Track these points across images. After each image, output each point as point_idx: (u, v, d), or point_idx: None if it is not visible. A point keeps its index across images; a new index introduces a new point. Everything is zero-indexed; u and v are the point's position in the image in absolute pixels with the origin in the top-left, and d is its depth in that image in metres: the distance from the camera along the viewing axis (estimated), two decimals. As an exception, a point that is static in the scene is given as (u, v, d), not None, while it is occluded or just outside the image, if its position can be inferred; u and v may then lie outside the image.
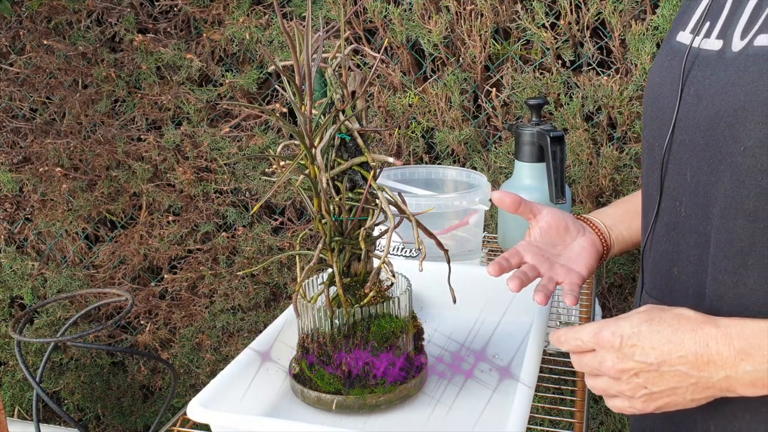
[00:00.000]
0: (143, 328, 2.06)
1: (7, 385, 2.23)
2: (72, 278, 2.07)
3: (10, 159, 2.01)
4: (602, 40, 1.55)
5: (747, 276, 0.66)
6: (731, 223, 0.67)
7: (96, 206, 1.99)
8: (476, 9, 1.57)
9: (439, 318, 1.07)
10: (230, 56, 1.82)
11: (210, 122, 1.86)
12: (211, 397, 0.77)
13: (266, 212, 1.93)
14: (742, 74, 0.65)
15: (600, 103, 1.54)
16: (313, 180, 0.81)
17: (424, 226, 0.83)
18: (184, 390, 2.09)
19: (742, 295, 0.67)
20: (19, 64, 1.93)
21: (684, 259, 0.74)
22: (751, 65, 0.64)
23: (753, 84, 0.63)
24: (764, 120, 0.62)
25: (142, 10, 1.83)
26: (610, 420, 1.76)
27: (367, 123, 0.84)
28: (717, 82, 0.68)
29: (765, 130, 0.63)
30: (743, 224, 0.66)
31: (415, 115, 1.68)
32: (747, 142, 0.64)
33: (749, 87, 0.64)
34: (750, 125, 0.64)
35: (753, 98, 0.63)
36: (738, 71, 0.66)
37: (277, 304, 1.97)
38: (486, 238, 1.48)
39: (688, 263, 0.74)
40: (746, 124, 0.64)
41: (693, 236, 0.72)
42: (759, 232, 0.65)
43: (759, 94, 0.63)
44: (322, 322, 0.83)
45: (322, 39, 0.78)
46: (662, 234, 0.78)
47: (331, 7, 1.66)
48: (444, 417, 0.84)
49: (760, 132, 0.63)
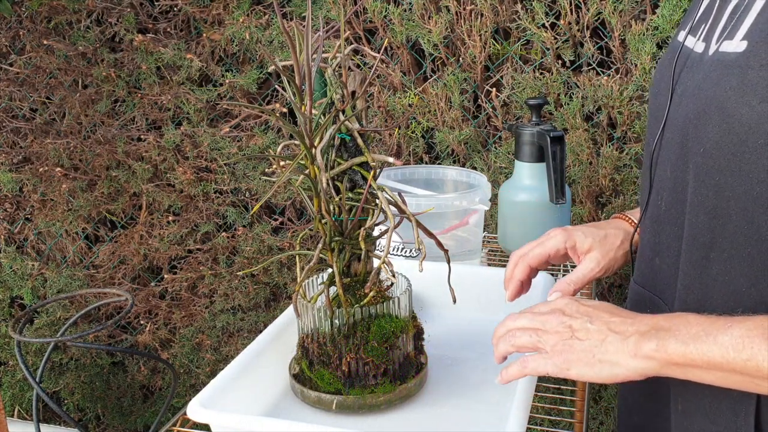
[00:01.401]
0: (143, 328, 2.06)
1: (7, 385, 2.23)
2: (72, 278, 2.07)
3: (10, 159, 2.01)
4: (602, 40, 1.55)
5: (710, 268, 0.70)
6: (695, 218, 0.71)
7: (96, 206, 1.99)
8: (476, 9, 1.57)
9: (439, 318, 1.07)
10: (230, 56, 1.82)
11: (210, 122, 1.86)
12: (211, 397, 0.77)
13: (266, 212, 1.93)
14: (706, 78, 0.69)
15: (600, 103, 1.54)
16: (313, 180, 0.81)
17: (424, 226, 0.83)
18: (184, 390, 2.09)
19: (706, 286, 0.71)
20: (19, 64, 1.93)
21: (664, 250, 0.79)
22: (714, 70, 0.68)
23: (712, 89, 0.67)
24: (720, 124, 0.66)
25: (142, 10, 1.83)
26: (610, 420, 1.76)
27: (367, 123, 0.84)
28: (693, 85, 0.71)
29: (720, 133, 0.66)
30: (705, 220, 0.69)
31: (415, 115, 1.68)
32: (706, 143, 0.68)
33: (710, 92, 0.67)
34: (708, 128, 0.67)
35: (712, 102, 0.67)
36: (705, 75, 0.69)
37: (277, 304, 1.97)
38: (486, 238, 1.48)
39: (667, 254, 0.78)
40: (706, 127, 0.67)
41: (672, 228, 0.76)
42: (718, 228, 0.68)
43: (716, 99, 0.66)
44: (322, 322, 0.83)
45: (322, 39, 0.78)
46: (648, 226, 0.83)
47: (331, 7, 1.66)
48: (444, 417, 0.84)
49: (716, 135, 0.66)
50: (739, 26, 0.67)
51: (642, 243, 0.86)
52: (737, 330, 0.61)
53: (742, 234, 0.66)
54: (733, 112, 0.64)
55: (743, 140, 0.64)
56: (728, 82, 0.65)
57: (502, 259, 1.40)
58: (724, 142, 0.66)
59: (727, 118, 0.65)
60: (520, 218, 1.30)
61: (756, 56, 0.63)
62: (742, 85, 0.64)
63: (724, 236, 0.68)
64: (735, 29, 0.67)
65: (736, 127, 0.64)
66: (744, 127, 0.64)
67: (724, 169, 0.66)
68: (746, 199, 0.65)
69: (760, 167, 0.63)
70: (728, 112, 0.65)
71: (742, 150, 0.64)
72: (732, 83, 0.65)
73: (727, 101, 0.65)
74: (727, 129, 0.65)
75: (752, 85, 0.63)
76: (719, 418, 0.70)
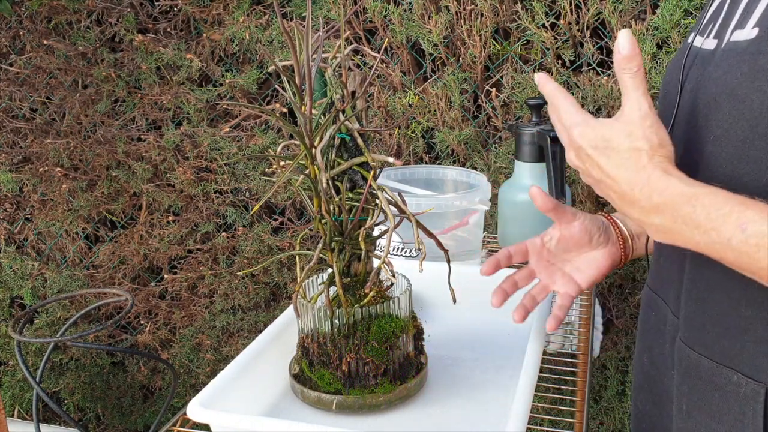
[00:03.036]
0: (143, 328, 2.06)
1: (7, 385, 2.23)
2: (72, 278, 2.07)
3: (10, 159, 2.01)
4: (602, 40, 1.55)
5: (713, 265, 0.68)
6: None
7: (96, 206, 1.99)
8: (476, 9, 1.57)
9: (439, 318, 1.07)
10: (230, 56, 1.82)
11: (210, 122, 1.86)
12: (211, 397, 0.77)
13: (266, 212, 1.93)
14: (717, 68, 0.68)
15: (600, 103, 1.54)
16: (313, 180, 0.81)
17: (424, 226, 0.83)
18: (184, 390, 2.09)
19: (708, 279, 0.70)
20: (19, 64, 1.93)
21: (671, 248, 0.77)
22: (725, 59, 0.67)
23: (723, 77, 0.66)
24: (730, 111, 0.65)
25: (142, 10, 1.83)
26: (610, 420, 1.76)
27: (367, 123, 0.84)
28: (703, 78, 0.71)
29: (731, 120, 0.65)
30: None
31: (415, 115, 1.68)
32: (716, 131, 0.67)
33: (720, 80, 0.66)
34: (719, 115, 0.66)
35: (723, 90, 0.66)
36: (716, 66, 0.69)
37: (277, 304, 1.97)
38: (486, 238, 1.48)
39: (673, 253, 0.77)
40: (717, 115, 0.67)
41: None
42: None
43: (727, 86, 0.65)
44: (322, 322, 0.83)
45: (322, 39, 0.78)
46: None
47: (331, 7, 1.66)
48: (444, 417, 0.84)
49: (726, 122, 0.66)
50: (750, 15, 0.66)
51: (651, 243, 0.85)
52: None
53: None
54: (744, 98, 0.64)
55: (753, 126, 0.63)
56: (739, 69, 0.64)
57: (502, 259, 1.40)
58: (734, 129, 0.65)
59: (738, 104, 0.64)
60: (520, 218, 1.30)
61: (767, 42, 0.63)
62: (753, 70, 0.63)
63: None
64: (746, 19, 0.67)
65: (746, 113, 0.64)
66: (755, 113, 0.63)
67: (733, 157, 0.66)
68: (755, 186, 0.64)
69: None
70: (739, 98, 0.64)
71: (752, 137, 0.64)
72: (743, 69, 0.64)
73: (738, 87, 0.64)
74: (738, 115, 0.64)
75: (764, 71, 0.62)
76: (725, 416, 0.70)
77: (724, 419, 0.70)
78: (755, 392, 0.66)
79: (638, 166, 0.65)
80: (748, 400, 0.67)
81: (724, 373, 0.69)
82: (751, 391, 0.67)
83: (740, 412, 0.68)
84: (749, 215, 0.58)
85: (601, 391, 1.76)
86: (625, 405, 1.74)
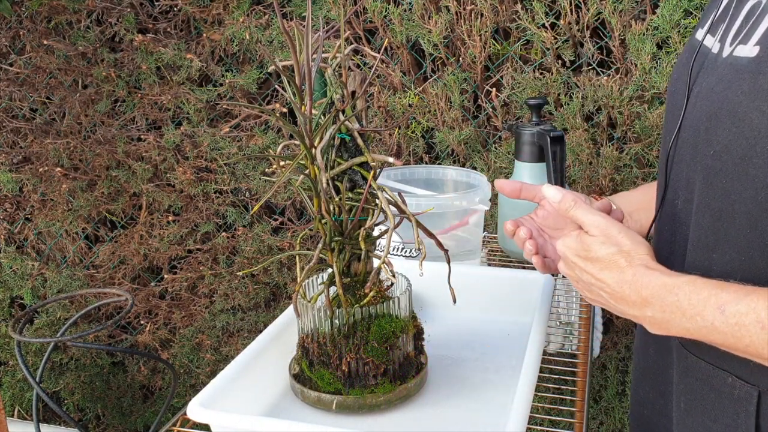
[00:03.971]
0: (143, 328, 2.06)
1: (7, 385, 2.23)
2: (72, 278, 2.07)
3: (10, 159, 2.01)
4: (602, 40, 1.55)
5: (711, 270, 0.70)
6: (701, 220, 0.72)
7: (96, 206, 1.99)
8: (476, 9, 1.56)
9: (439, 318, 1.07)
10: (230, 56, 1.82)
11: (210, 122, 1.86)
12: (211, 397, 0.77)
13: (266, 212, 1.93)
14: (719, 81, 0.69)
15: (600, 103, 1.54)
16: (313, 180, 0.81)
17: (424, 226, 0.83)
18: (184, 390, 2.09)
19: None
20: (19, 64, 1.93)
21: (677, 249, 0.79)
22: (727, 74, 0.68)
23: (724, 92, 0.68)
24: (730, 127, 0.66)
25: (142, 10, 1.83)
26: (610, 420, 1.76)
27: (367, 123, 0.84)
28: (707, 86, 0.72)
29: (730, 137, 0.66)
30: (709, 222, 0.70)
31: (415, 115, 1.68)
32: (716, 146, 0.68)
33: (722, 95, 0.68)
34: (719, 131, 0.68)
35: (723, 105, 0.67)
36: (718, 78, 0.70)
37: (277, 304, 1.97)
38: (486, 238, 1.48)
39: (678, 253, 0.78)
40: (717, 130, 0.68)
41: (683, 228, 0.77)
42: (722, 231, 0.69)
43: (728, 102, 0.67)
44: (322, 322, 0.83)
45: (322, 39, 0.78)
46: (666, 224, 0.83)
47: (331, 7, 1.66)
48: (444, 417, 0.84)
49: (726, 138, 0.67)
50: (754, 31, 0.67)
51: (659, 243, 0.85)
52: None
53: (745, 238, 0.67)
54: (743, 117, 0.65)
55: (752, 144, 0.64)
56: (740, 87, 0.65)
57: (502, 259, 1.40)
58: (733, 145, 0.66)
59: (738, 122, 0.65)
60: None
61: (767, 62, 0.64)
62: (753, 89, 0.64)
63: (727, 239, 0.68)
64: (750, 34, 0.67)
65: (746, 132, 0.65)
66: (754, 132, 0.64)
67: (732, 173, 0.67)
68: (752, 203, 0.65)
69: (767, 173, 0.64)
70: (739, 116, 0.65)
71: (751, 154, 0.65)
72: (744, 87, 0.65)
73: (738, 105, 0.65)
74: (737, 133, 0.66)
75: (763, 91, 0.63)
76: (720, 416, 0.71)
77: (719, 419, 0.71)
78: (749, 394, 0.68)
79: (619, 267, 0.71)
80: (742, 402, 0.69)
81: (719, 376, 0.71)
82: (744, 393, 0.68)
83: (734, 413, 0.70)
84: (724, 297, 0.63)
85: (601, 391, 1.76)
86: (625, 405, 1.74)
